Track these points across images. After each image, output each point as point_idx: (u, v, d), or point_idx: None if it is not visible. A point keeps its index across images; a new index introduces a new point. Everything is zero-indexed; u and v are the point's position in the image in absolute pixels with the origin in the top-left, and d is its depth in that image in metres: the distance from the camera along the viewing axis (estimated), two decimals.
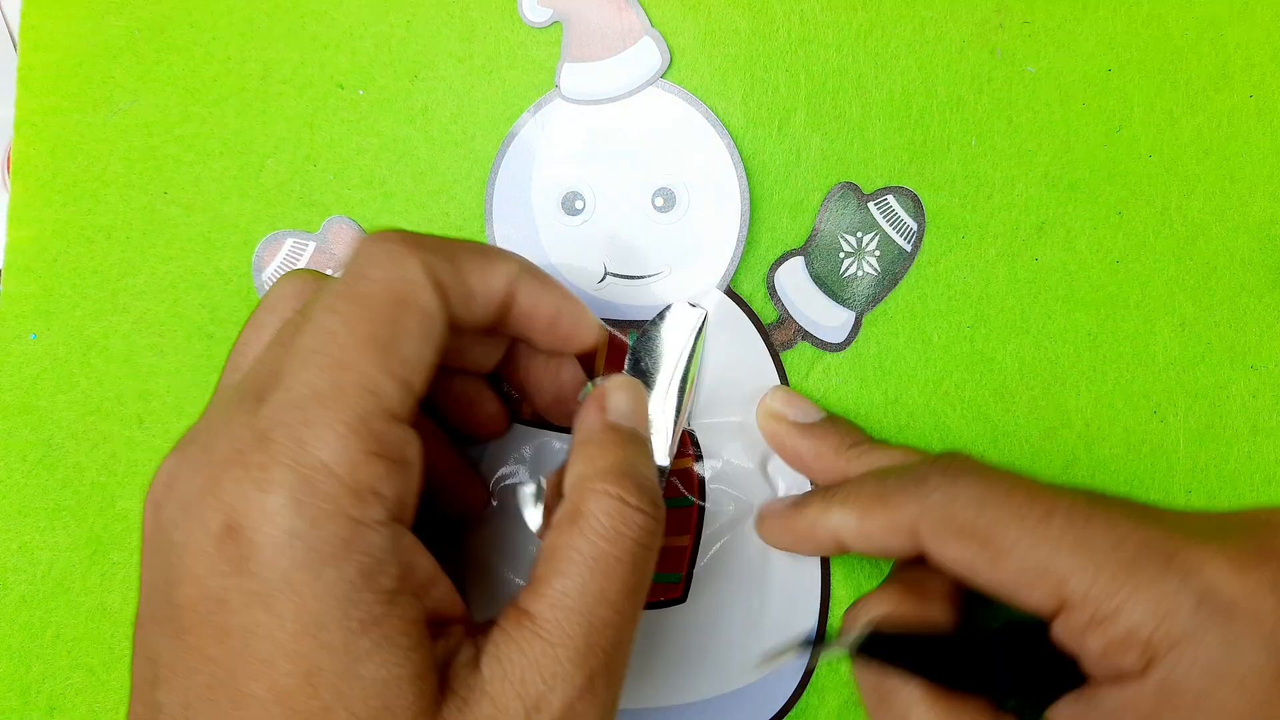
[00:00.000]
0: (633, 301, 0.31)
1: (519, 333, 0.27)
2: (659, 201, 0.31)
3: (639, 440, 0.26)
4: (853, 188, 0.31)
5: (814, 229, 0.31)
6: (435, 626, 0.22)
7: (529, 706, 0.21)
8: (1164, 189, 0.31)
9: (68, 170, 0.33)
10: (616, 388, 0.27)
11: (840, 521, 0.27)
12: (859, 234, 0.31)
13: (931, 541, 0.25)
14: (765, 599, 0.30)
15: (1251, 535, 0.24)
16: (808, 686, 0.30)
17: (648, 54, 0.32)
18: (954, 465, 0.26)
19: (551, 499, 0.27)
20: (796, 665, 0.30)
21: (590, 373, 0.31)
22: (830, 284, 0.31)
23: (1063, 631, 0.24)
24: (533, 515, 0.30)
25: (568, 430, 0.31)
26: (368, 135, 0.33)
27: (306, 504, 0.20)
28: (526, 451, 0.31)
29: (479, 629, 0.23)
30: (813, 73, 0.32)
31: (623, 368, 0.31)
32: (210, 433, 0.22)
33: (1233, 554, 0.23)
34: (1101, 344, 0.31)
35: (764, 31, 0.32)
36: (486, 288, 0.24)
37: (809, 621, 0.30)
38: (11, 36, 0.34)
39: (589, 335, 0.27)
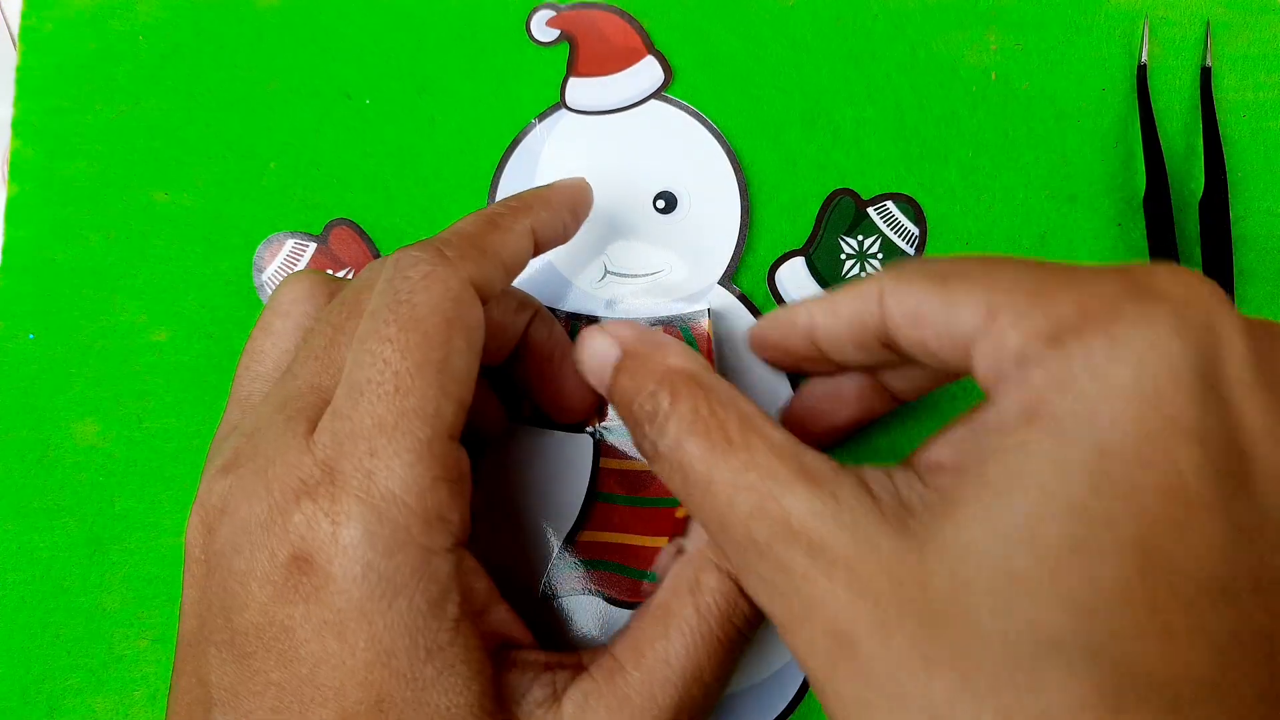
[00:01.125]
0: (632, 300, 0.32)
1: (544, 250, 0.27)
2: (660, 204, 0.32)
3: None
4: (851, 194, 0.32)
5: (814, 231, 0.32)
6: (499, 652, 0.22)
7: None
8: None
9: (66, 170, 0.33)
10: None
11: (813, 304, 0.24)
12: (860, 237, 0.32)
13: (893, 299, 0.21)
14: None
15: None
16: (810, 690, 0.30)
17: (650, 71, 0.33)
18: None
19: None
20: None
21: None
22: (833, 283, 0.31)
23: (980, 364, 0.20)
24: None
25: (567, 429, 0.31)
26: (373, 142, 0.33)
27: (379, 535, 0.20)
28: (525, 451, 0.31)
29: (556, 664, 0.23)
30: (806, 90, 0.32)
31: None
32: (261, 456, 0.22)
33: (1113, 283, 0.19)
34: None
35: (757, 54, 0.33)
36: (516, 256, 0.25)
37: None
38: (11, 36, 0.34)
39: (590, 202, 0.29)
